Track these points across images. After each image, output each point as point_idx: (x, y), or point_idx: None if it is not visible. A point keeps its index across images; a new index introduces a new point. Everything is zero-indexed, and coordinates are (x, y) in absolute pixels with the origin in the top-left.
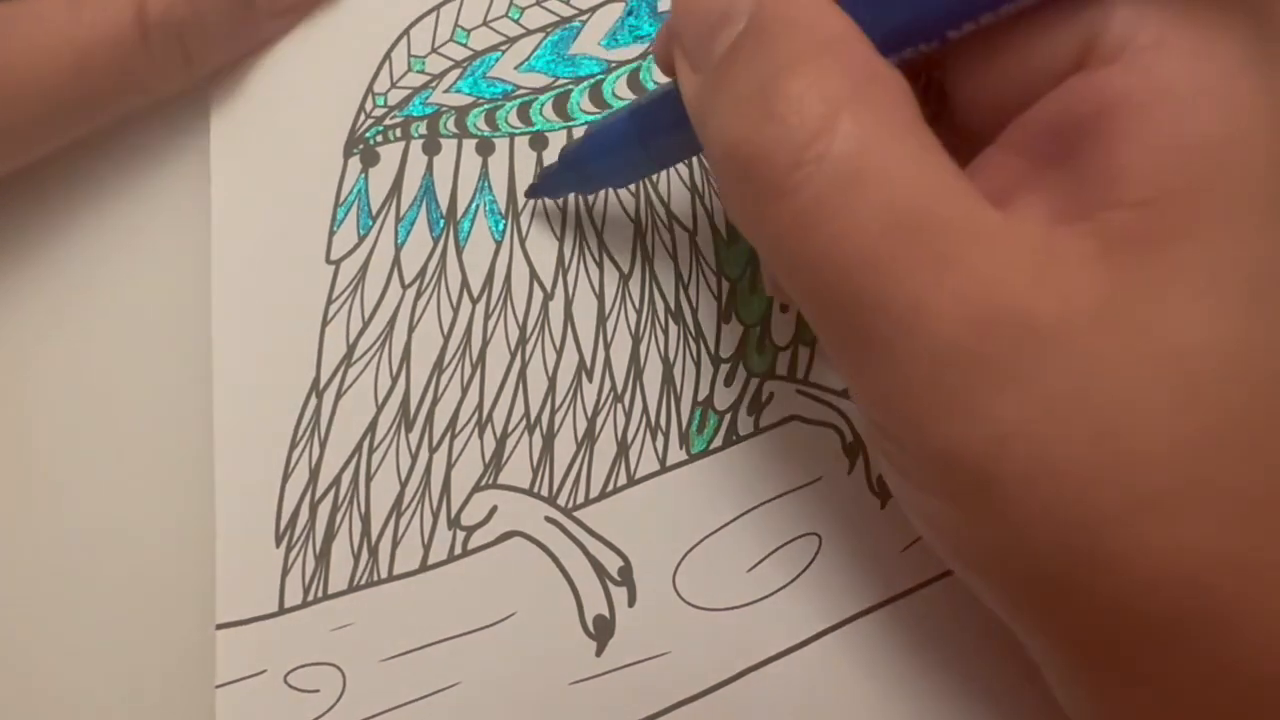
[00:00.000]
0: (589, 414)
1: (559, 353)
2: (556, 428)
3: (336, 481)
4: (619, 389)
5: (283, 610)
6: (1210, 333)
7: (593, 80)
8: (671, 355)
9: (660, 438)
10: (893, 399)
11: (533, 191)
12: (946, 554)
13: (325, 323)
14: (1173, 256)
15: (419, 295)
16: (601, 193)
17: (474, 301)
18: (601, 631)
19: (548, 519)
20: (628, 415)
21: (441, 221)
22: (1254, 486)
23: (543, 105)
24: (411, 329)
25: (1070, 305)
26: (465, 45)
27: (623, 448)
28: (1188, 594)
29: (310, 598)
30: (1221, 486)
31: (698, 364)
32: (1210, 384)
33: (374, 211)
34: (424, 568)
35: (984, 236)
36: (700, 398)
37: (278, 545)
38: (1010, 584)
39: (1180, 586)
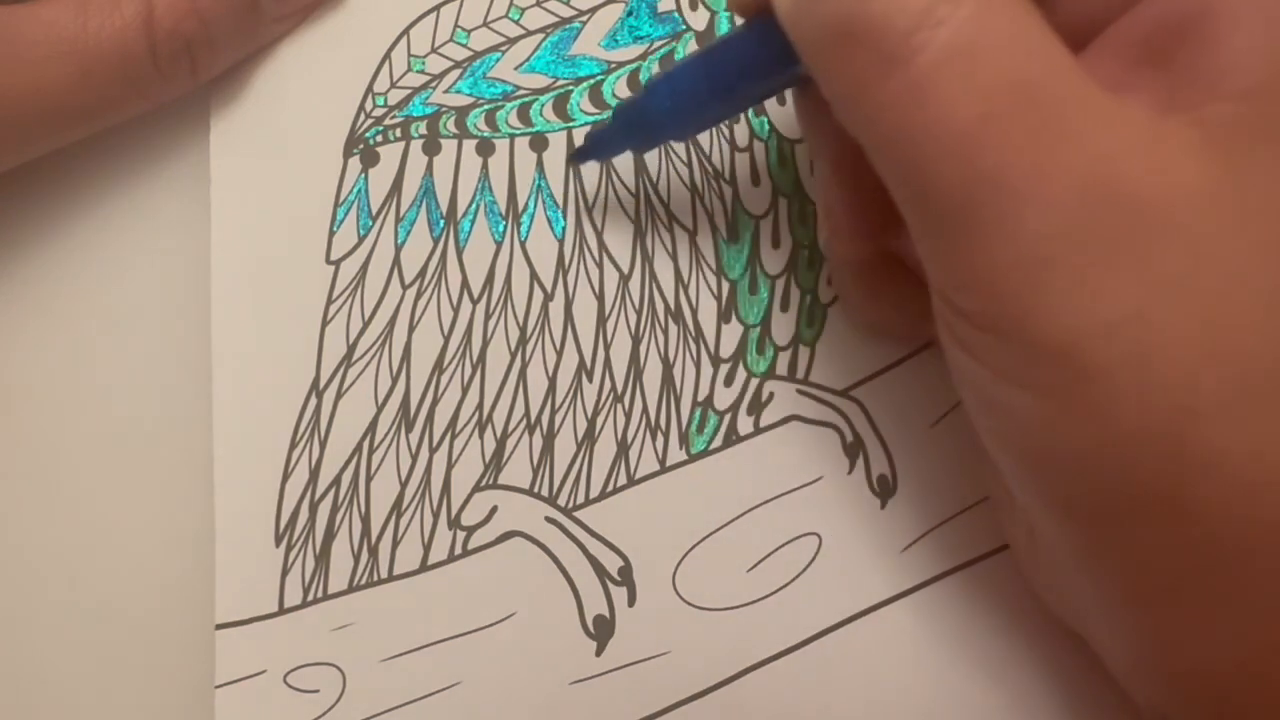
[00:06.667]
0: (589, 414)
1: (559, 353)
2: (556, 428)
3: (336, 481)
4: (619, 389)
5: (282, 610)
6: None
7: (593, 81)
8: (671, 355)
9: (660, 438)
10: (997, 281)
11: (581, 155)
12: (1021, 462)
13: (325, 323)
14: (1277, 145)
15: (419, 295)
16: (602, 189)
17: (474, 302)
18: (601, 631)
19: (548, 519)
20: (628, 415)
21: (441, 222)
22: None
23: (543, 106)
24: (411, 329)
25: (1181, 189)
26: (465, 46)
27: (623, 448)
28: None
29: (310, 598)
30: None
31: (698, 364)
32: None
33: (374, 212)
34: (424, 568)
35: (1099, 115)
36: (700, 398)
37: (277, 545)
38: (1094, 492)
39: None
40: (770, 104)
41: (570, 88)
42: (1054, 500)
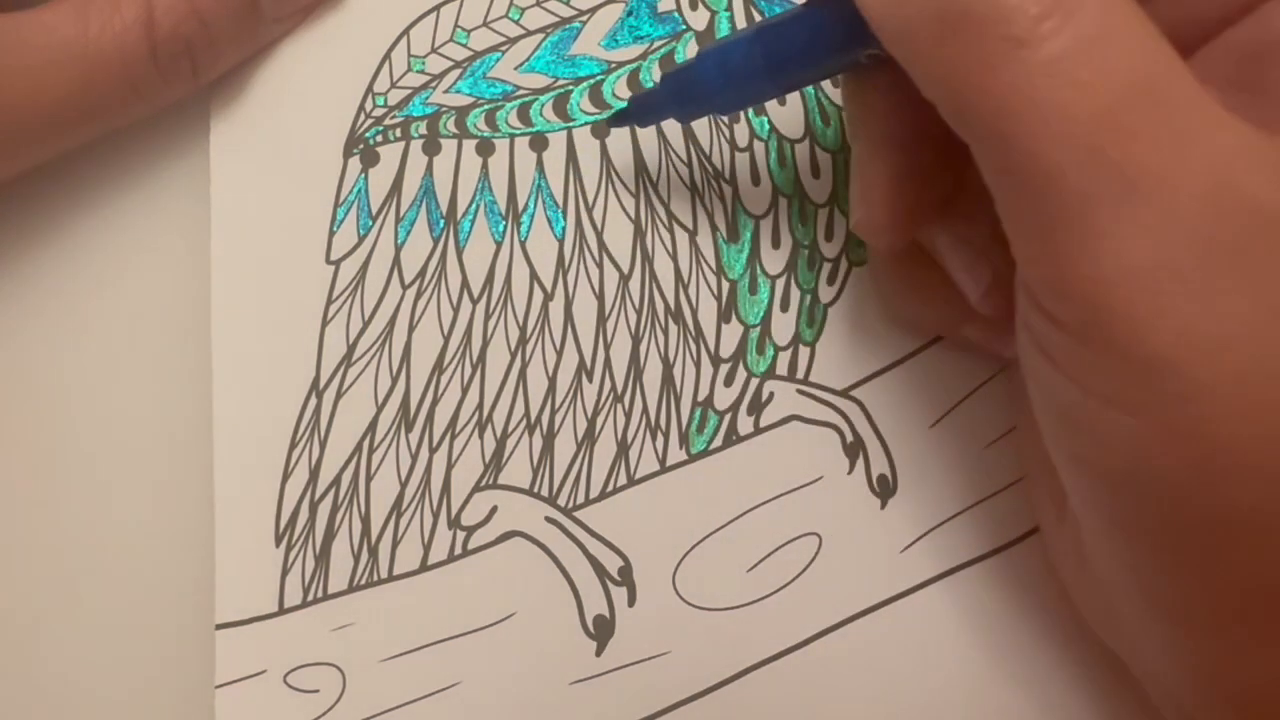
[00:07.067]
0: (589, 414)
1: (559, 353)
2: (556, 428)
3: (336, 481)
4: (619, 389)
5: (282, 610)
6: None
7: (592, 81)
8: (671, 355)
9: (660, 438)
10: (1102, 285)
11: (622, 118)
12: (1100, 481)
13: (325, 323)
14: None
15: (419, 295)
16: (602, 189)
17: (474, 302)
18: (601, 631)
19: (548, 519)
20: (628, 415)
21: (441, 222)
22: None
23: (542, 106)
24: (411, 329)
25: None
26: (465, 45)
27: (623, 448)
28: None
29: (310, 598)
30: None
31: (698, 364)
32: None
33: (374, 212)
34: (424, 568)
35: (1220, 122)
36: (700, 398)
37: (277, 545)
38: (1179, 515)
39: None
40: (770, 104)
41: (570, 88)
42: (1130, 521)
